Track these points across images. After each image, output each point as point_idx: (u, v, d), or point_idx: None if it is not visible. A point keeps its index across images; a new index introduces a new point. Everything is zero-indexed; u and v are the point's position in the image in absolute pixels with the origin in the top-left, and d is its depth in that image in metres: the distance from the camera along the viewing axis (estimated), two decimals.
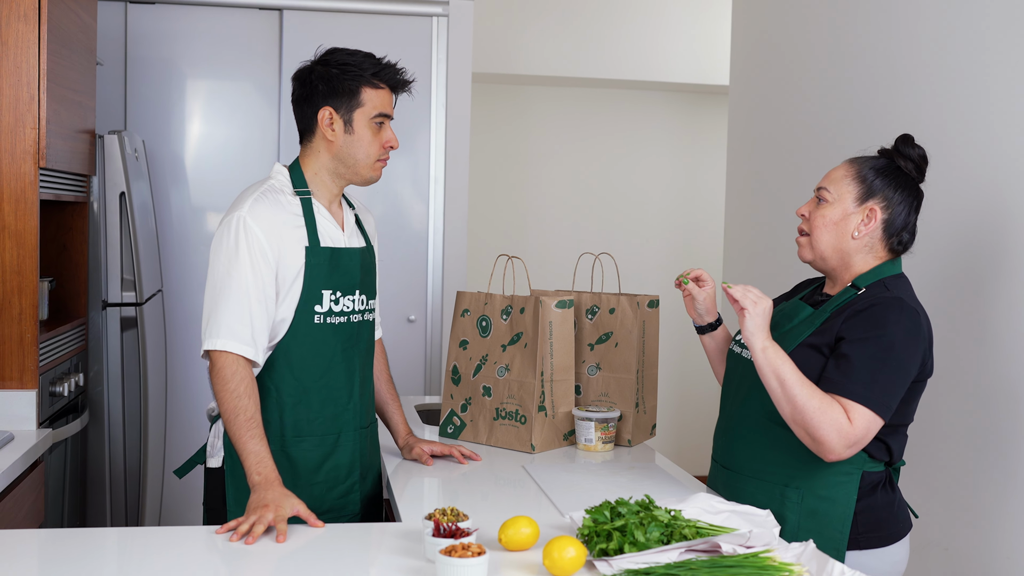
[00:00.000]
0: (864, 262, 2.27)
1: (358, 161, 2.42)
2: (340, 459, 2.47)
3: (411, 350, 4.57)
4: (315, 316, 2.39)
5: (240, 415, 2.25)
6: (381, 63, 2.43)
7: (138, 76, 4.34)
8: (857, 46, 3.43)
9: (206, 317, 2.32)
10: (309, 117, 2.43)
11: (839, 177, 2.28)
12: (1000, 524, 2.64)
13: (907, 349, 2.14)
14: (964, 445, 2.78)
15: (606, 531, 1.92)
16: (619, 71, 6.04)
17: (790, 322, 2.31)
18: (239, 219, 2.31)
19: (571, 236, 6.40)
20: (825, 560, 1.85)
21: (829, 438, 2.08)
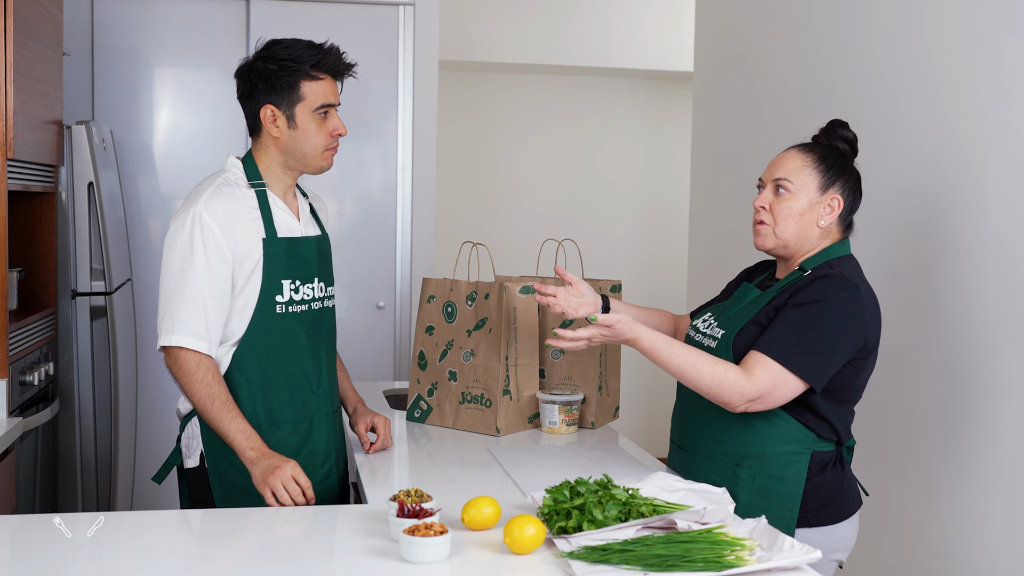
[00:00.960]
0: (819, 245, 2.34)
1: (306, 154, 2.43)
2: (316, 445, 2.51)
3: (380, 336, 4.61)
4: (277, 306, 2.41)
5: (215, 400, 2.30)
6: (319, 52, 2.41)
7: (105, 66, 4.35)
8: (818, 33, 3.50)
9: (162, 312, 2.34)
10: (253, 114, 2.43)
11: (797, 168, 2.32)
12: (952, 500, 2.72)
13: (839, 319, 2.19)
14: (918, 423, 2.85)
15: (565, 510, 1.98)
16: (586, 58, 6.09)
17: (738, 304, 2.38)
18: (195, 215, 2.32)
19: (540, 222, 6.45)
20: (776, 534, 1.91)
21: (727, 397, 2.18)
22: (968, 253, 2.67)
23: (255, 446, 2.29)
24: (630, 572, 1.79)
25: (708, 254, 4.41)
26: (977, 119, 2.65)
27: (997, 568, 2.56)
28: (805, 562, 1.85)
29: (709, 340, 2.36)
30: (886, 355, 2.93)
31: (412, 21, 4.56)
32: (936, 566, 2.77)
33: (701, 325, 2.44)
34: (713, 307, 2.50)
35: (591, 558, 1.83)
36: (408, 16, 4.57)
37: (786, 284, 2.30)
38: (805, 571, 1.85)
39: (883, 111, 3.04)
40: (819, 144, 2.37)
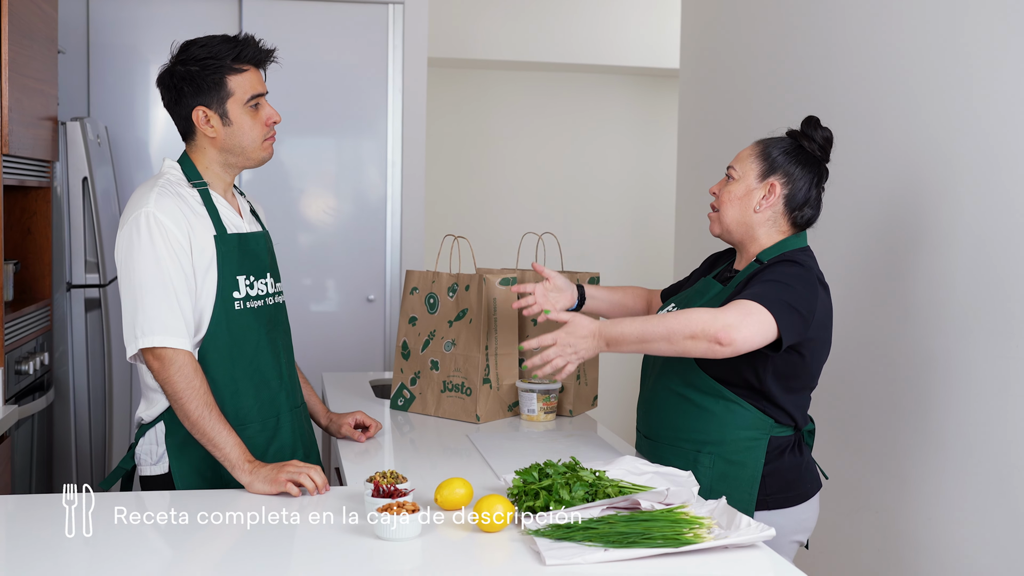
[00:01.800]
0: (768, 236, 2.41)
1: (245, 148, 2.41)
2: (283, 440, 2.50)
3: (370, 328, 4.70)
4: (235, 303, 2.39)
5: (213, 409, 2.26)
6: (238, 45, 2.37)
7: (100, 63, 4.44)
8: (799, 31, 3.58)
9: (131, 317, 2.28)
10: (184, 119, 2.40)
11: (745, 156, 2.44)
12: (922, 487, 2.80)
13: (807, 286, 2.27)
14: (888, 413, 2.94)
15: (533, 490, 2.06)
16: (575, 55, 6.17)
17: (701, 298, 2.46)
18: (148, 215, 2.27)
19: (529, 217, 6.54)
20: (734, 514, 2.00)
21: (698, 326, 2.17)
22: (937, 247, 2.75)
23: (250, 457, 2.25)
24: (592, 548, 1.88)
25: (693, 249, 4.49)
26: (947, 116, 2.73)
27: (965, 553, 2.64)
28: (760, 539, 1.93)
29: None
30: (857, 346, 3.02)
31: (402, 19, 4.65)
32: (907, 552, 2.86)
33: None
34: (676, 298, 2.58)
35: (555, 535, 1.92)
36: (397, 14, 4.65)
37: (745, 276, 2.38)
38: (761, 548, 1.94)
39: (858, 108, 3.12)
40: (783, 138, 2.45)
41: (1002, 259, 2.52)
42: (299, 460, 2.32)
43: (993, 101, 2.57)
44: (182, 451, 2.40)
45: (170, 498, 2.23)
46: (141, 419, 2.44)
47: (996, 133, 2.55)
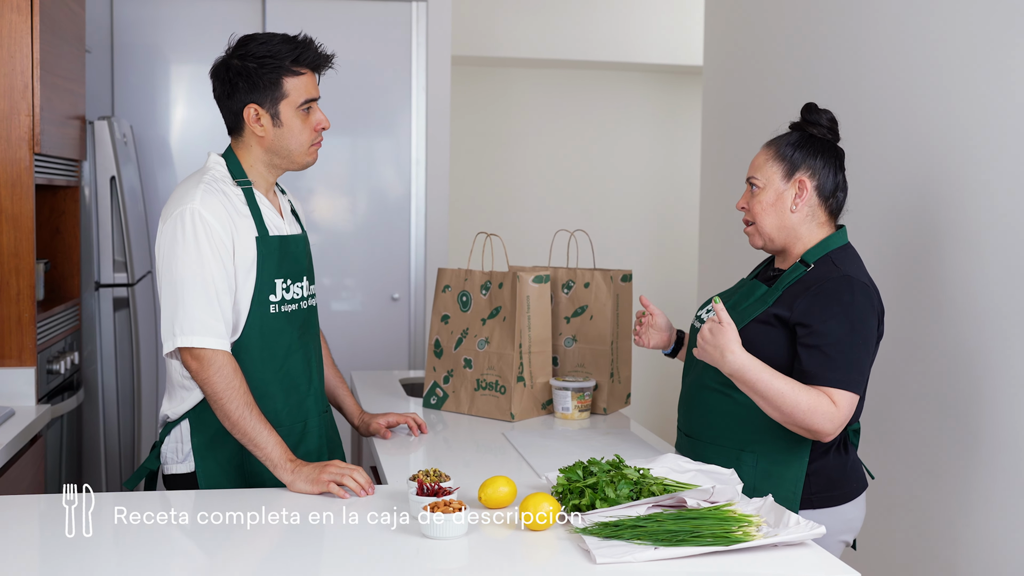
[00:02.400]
0: (810, 232, 2.39)
1: (292, 151, 2.39)
2: (310, 446, 2.49)
3: (395, 327, 4.69)
4: (270, 306, 2.37)
5: (253, 409, 2.24)
6: (298, 47, 2.36)
7: (125, 62, 4.44)
8: (826, 26, 3.56)
9: (171, 314, 2.26)
10: (234, 114, 2.38)
11: (761, 162, 2.42)
12: (958, 484, 2.78)
13: (866, 324, 2.27)
14: (924, 409, 2.91)
15: (579, 488, 2.05)
16: (596, 52, 6.15)
17: (746, 300, 2.44)
18: (193, 212, 2.26)
19: (551, 215, 6.52)
20: (782, 512, 1.98)
21: (823, 427, 2.21)
22: (972, 241, 2.73)
23: (291, 456, 2.23)
24: (640, 546, 1.86)
25: (718, 246, 4.47)
26: (982, 110, 2.70)
27: (1002, 550, 2.62)
28: (809, 537, 1.92)
29: None
30: (891, 342, 3.00)
31: (425, 17, 4.64)
32: (942, 549, 2.83)
33: (706, 316, 2.50)
34: (719, 296, 2.56)
35: (603, 534, 1.91)
36: (421, 12, 4.64)
37: (791, 280, 2.36)
38: (810, 546, 1.93)
39: (889, 102, 3.10)
40: (789, 132, 2.44)
41: None
42: None
43: None
44: (208, 451, 2.39)
45: (206, 497, 2.22)
46: (167, 416, 2.44)
47: None
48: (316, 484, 2.18)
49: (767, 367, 2.23)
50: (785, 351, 2.31)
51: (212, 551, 1.95)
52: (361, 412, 2.77)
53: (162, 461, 2.43)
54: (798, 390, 2.21)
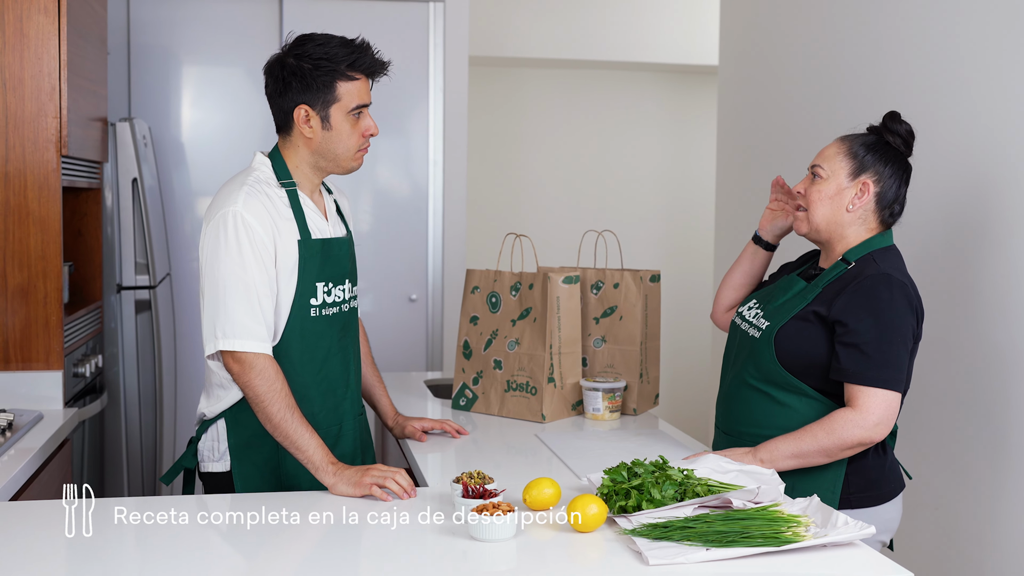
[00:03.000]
0: (856, 234, 2.39)
1: (338, 155, 2.38)
2: (344, 449, 2.48)
3: (413, 328, 4.68)
4: (311, 310, 2.37)
5: (295, 411, 2.24)
6: (355, 51, 2.34)
7: (141, 64, 4.42)
8: (845, 25, 3.55)
9: (212, 316, 2.26)
10: (285, 113, 2.37)
11: (832, 154, 2.40)
12: (987, 485, 2.77)
13: (904, 322, 2.27)
14: (953, 410, 2.91)
15: (624, 489, 2.04)
16: (609, 52, 6.15)
17: (784, 295, 2.43)
18: (236, 215, 2.25)
19: (564, 215, 6.51)
20: (829, 512, 1.97)
21: (860, 436, 2.23)
22: (1002, 241, 2.72)
23: (333, 459, 2.22)
24: (691, 548, 1.86)
25: (734, 247, 4.46)
26: (1010, 109, 2.70)
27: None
28: (859, 537, 1.91)
29: (753, 330, 2.42)
30: (922, 343, 2.99)
31: (443, 17, 4.63)
32: (971, 549, 2.83)
33: (747, 312, 2.50)
34: (758, 293, 2.56)
35: (653, 535, 1.90)
36: (438, 13, 4.63)
37: (832, 277, 2.35)
38: (859, 547, 1.92)
39: (912, 103, 3.09)
40: (866, 133, 2.43)
41: None
42: None
43: None
44: (245, 452, 2.39)
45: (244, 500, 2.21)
46: (203, 414, 2.43)
47: None
48: (359, 487, 2.17)
49: (779, 440, 2.28)
50: (823, 348, 2.31)
51: (251, 554, 1.93)
52: (396, 414, 2.76)
53: (199, 459, 2.43)
54: (814, 430, 2.26)
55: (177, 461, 2.46)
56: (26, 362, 2.96)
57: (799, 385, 2.33)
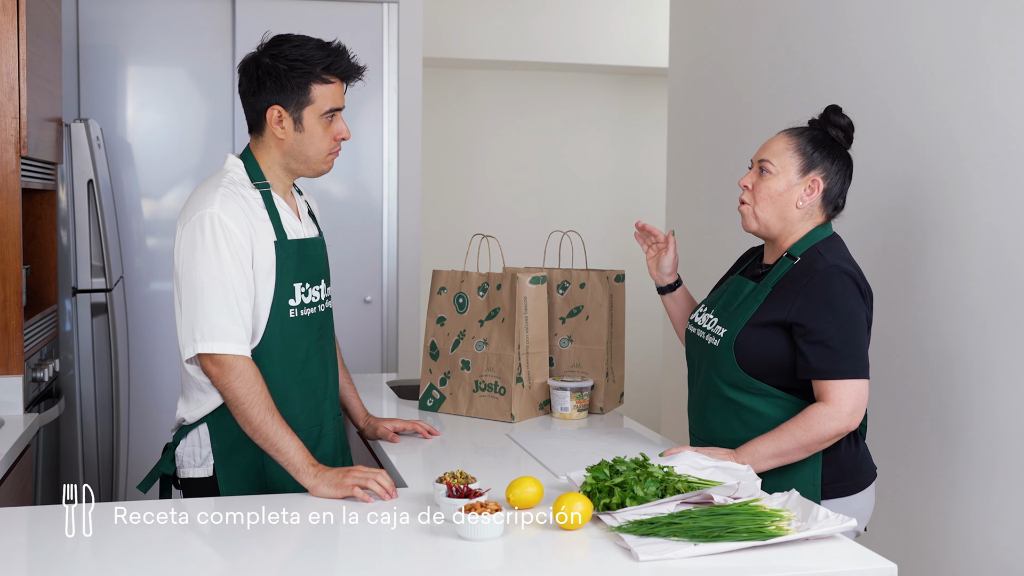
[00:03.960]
0: (803, 228, 2.43)
1: (309, 157, 2.37)
2: (325, 450, 2.47)
3: (368, 330, 4.67)
4: (290, 310, 2.36)
5: (275, 414, 2.23)
6: (331, 55, 2.34)
7: (91, 63, 4.35)
8: (795, 27, 3.61)
9: (190, 319, 2.24)
10: (258, 112, 2.35)
11: (780, 149, 2.43)
12: (944, 479, 2.84)
13: (859, 310, 2.33)
14: (909, 405, 2.97)
15: (607, 487, 2.06)
16: (557, 54, 6.18)
17: (736, 299, 2.47)
18: (213, 216, 2.23)
19: (516, 215, 6.54)
20: (810, 506, 2.01)
21: (834, 427, 2.28)
22: (952, 240, 2.79)
23: (313, 461, 2.22)
24: (679, 543, 1.88)
25: (685, 248, 4.51)
26: (959, 109, 2.76)
27: (988, 542, 2.68)
28: (840, 531, 1.95)
29: (711, 338, 2.45)
30: (874, 340, 3.05)
31: (396, 18, 4.62)
32: (929, 543, 2.89)
33: (700, 319, 2.53)
34: (707, 298, 2.59)
35: (640, 531, 1.92)
36: (392, 14, 4.62)
37: (780, 275, 2.39)
38: (841, 539, 1.96)
39: (864, 101, 3.15)
40: (811, 128, 2.47)
41: (1020, 251, 2.56)
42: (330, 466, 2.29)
43: (1007, 93, 2.60)
44: (229, 456, 2.37)
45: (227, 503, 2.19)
46: (183, 419, 2.40)
47: (1010, 124, 2.59)
48: (340, 488, 2.16)
49: (758, 442, 2.32)
50: (784, 349, 2.35)
51: (233, 556, 1.92)
52: (367, 416, 2.75)
53: (178, 464, 2.40)
54: (792, 428, 2.30)
55: (154, 467, 2.43)
56: None
57: (764, 388, 2.37)
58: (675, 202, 4.72)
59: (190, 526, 2.09)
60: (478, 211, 6.53)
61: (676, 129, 4.72)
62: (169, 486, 2.44)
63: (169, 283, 4.43)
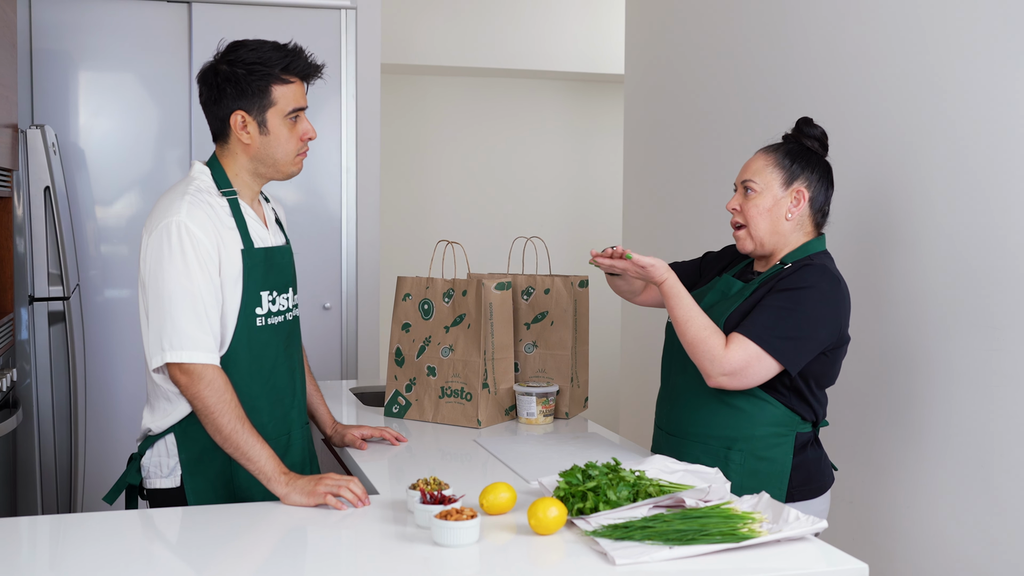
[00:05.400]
0: (796, 240, 2.47)
1: (277, 160, 2.36)
2: (294, 458, 2.47)
3: (326, 337, 4.64)
4: (257, 319, 2.35)
5: (245, 422, 2.22)
6: (288, 55, 2.33)
7: (43, 68, 4.30)
8: (752, 33, 3.65)
9: (158, 328, 2.22)
10: (221, 120, 2.35)
11: (761, 167, 2.48)
12: (899, 477, 2.89)
13: (818, 307, 2.34)
14: (867, 406, 3.02)
15: (580, 492, 2.07)
16: (515, 60, 6.20)
17: (722, 297, 2.50)
18: (179, 224, 2.22)
19: (472, 221, 6.54)
20: (780, 507, 2.04)
21: (702, 363, 2.33)
22: (912, 244, 2.84)
23: (284, 469, 2.20)
24: (654, 546, 1.90)
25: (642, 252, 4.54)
26: (917, 114, 2.81)
27: (941, 538, 2.73)
28: (811, 532, 1.98)
29: None
30: None
31: (355, 24, 4.61)
32: (884, 540, 2.94)
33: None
34: (693, 295, 2.62)
35: (615, 535, 1.93)
36: (350, 20, 4.61)
37: (768, 276, 2.44)
38: (811, 540, 1.98)
39: (820, 107, 3.20)
40: (786, 143, 2.51)
41: (978, 254, 2.62)
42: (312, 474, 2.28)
43: (963, 98, 2.66)
44: (196, 466, 2.35)
45: (196, 514, 2.17)
46: (149, 429, 2.38)
47: (966, 129, 2.65)
48: (312, 496, 2.15)
49: (693, 305, 2.37)
50: None
51: (202, 567, 1.90)
52: (334, 423, 2.75)
53: (144, 475, 2.37)
54: (704, 324, 2.34)
55: (120, 478, 2.40)
56: None
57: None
58: (632, 207, 4.75)
59: (157, 536, 2.07)
60: (436, 217, 6.53)
61: (632, 134, 4.76)
62: (135, 497, 2.41)
63: (123, 290, 4.38)
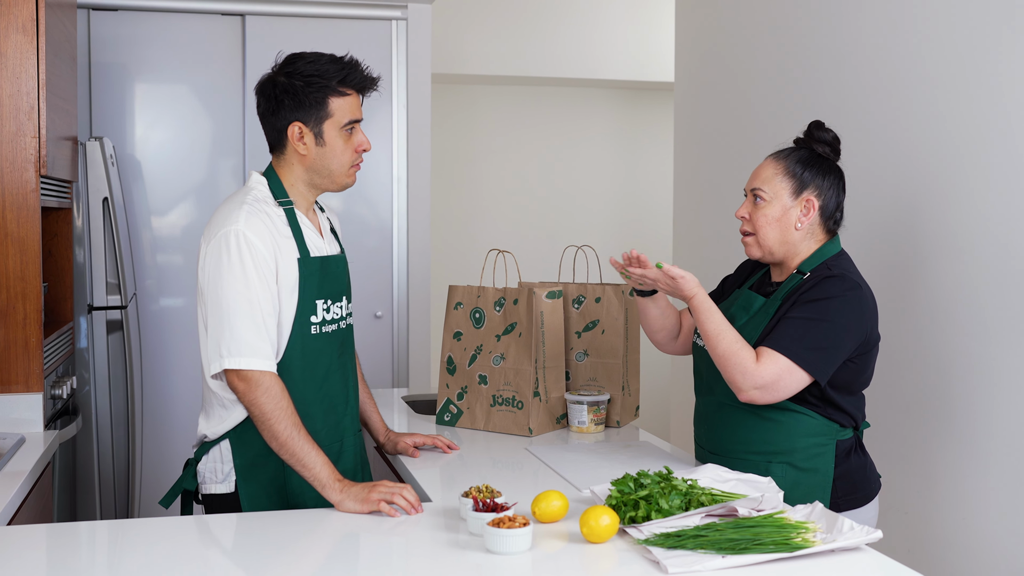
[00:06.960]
0: (808, 248, 2.45)
1: (333, 171, 2.40)
2: (346, 465, 2.49)
3: (378, 345, 4.68)
4: (311, 327, 2.38)
5: (301, 429, 2.25)
6: (345, 68, 2.37)
7: (102, 82, 4.38)
8: (802, 38, 3.63)
9: (216, 335, 2.26)
10: (278, 131, 2.39)
11: (770, 175, 2.45)
12: (951, 487, 2.85)
13: (843, 316, 2.32)
14: (915, 414, 2.99)
15: (632, 500, 2.08)
16: (561, 69, 6.21)
17: (747, 314, 2.48)
18: (238, 233, 2.26)
19: (521, 229, 6.56)
20: (835, 517, 2.03)
21: (733, 377, 2.31)
22: (960, 249, 2.80)
23: (339, 476, 2.23)
24: (707, 555, 1.90)
25: (692, 261, 4.53)
26: (969, 117, 2.78)
27: (996, 550, 2.69)
28: (865, 542, 1.96)
29: None
30: (882, 349, 3.07)
31: (405, 35, 4.65)
32: (938, 551, 2.91)
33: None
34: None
35: (667, 544, 1.93)
36: (401, 30, 4.65)
37: (789, 289, 2.42)
38: (866, 551, 1.97)
39: (871, 111, 3.18)
40: (796, 148, 2.49)
41: (1020, 255, 2.58)
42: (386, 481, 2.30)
43: (1013, 100, 2.63)
44: (251, 472, 2.39)
45: (250, 520, 2.20)
46: (205, 436, 2.42)
47: (1015, 131, 2.61)
48: (366, 503, 2.18)
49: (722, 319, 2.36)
50: None
51: (257, 572, 1.92)
52: (387, 430, 2.77)
53: (200, 480, 2.42)
54: (735, 338, 2.32)
55: (176, 483, 2.45)
56: (5, 384, 2.92)
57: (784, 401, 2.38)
58: (682, 216, 4.74)
59: (213, 542, 2.11)
60: (486, 226, 6.56)
61: (682, 143, 4.75)
62: (191, 502, 2.45)
63: (178, 299, 4.45)
